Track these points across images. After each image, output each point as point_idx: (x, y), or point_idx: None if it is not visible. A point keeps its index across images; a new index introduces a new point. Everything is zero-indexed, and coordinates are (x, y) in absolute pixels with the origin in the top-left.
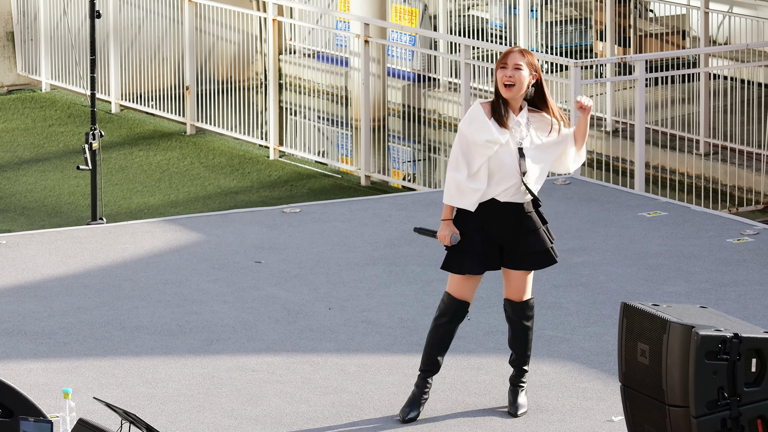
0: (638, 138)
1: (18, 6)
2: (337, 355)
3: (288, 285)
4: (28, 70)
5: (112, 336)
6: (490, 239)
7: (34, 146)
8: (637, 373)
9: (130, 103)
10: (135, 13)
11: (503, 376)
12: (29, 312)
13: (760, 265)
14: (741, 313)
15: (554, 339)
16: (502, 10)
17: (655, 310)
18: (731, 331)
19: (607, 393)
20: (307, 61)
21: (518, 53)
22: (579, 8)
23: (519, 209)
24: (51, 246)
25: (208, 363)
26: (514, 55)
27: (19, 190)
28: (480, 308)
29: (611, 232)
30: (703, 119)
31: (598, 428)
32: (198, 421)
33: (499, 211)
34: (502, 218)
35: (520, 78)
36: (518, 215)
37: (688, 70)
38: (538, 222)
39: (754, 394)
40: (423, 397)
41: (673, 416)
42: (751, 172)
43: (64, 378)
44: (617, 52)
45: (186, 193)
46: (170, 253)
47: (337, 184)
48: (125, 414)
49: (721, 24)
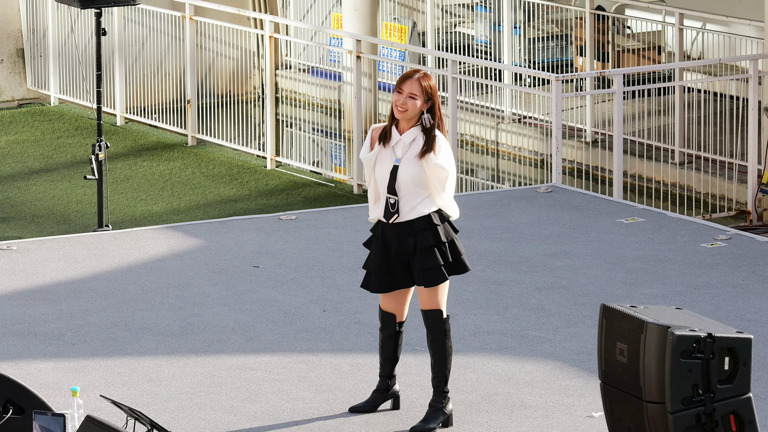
0: (616, 148)
1: (28, 24)
2: (331, 354)
3: (284, 288)
4: (37, 85)
5: (118, 337)
6: (390, 258)
7: (43, 157)
8: (616, 371)
9: (135, 116)
10: (139, 31)
11: (489, 375)
12: (39, 314)
13: (733, 268)
14: (714, 314)
15: (537, 339)
16: (487, 27)
17: (633, 312)
18: (705, 331)
19: (588, 390)
20: (302, 75)
21: (416, 82)
22: (560, 25)
23: (408, 227)
24: (59, 251)
25: (208, 362)
26: (412, 83)
27: (29, 199)
28: (466, 310)
29: (591, 237)
30: (678, 130)
31: (579, 424)
32: (199, 418)
33: (391, 228)
34: (396, 235)
35: (413, 106)
36: (409, 232)
37: (663, 84)
38: (432, 239)
39: (727, 391)
40: (377, 394)
41: (650, 412)
42: (723, 180)
43: (73, 377)
44: (596, 66)
45: (187, 201)
46: (173, 258)
47: (331, 192)
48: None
49: (695, 40)
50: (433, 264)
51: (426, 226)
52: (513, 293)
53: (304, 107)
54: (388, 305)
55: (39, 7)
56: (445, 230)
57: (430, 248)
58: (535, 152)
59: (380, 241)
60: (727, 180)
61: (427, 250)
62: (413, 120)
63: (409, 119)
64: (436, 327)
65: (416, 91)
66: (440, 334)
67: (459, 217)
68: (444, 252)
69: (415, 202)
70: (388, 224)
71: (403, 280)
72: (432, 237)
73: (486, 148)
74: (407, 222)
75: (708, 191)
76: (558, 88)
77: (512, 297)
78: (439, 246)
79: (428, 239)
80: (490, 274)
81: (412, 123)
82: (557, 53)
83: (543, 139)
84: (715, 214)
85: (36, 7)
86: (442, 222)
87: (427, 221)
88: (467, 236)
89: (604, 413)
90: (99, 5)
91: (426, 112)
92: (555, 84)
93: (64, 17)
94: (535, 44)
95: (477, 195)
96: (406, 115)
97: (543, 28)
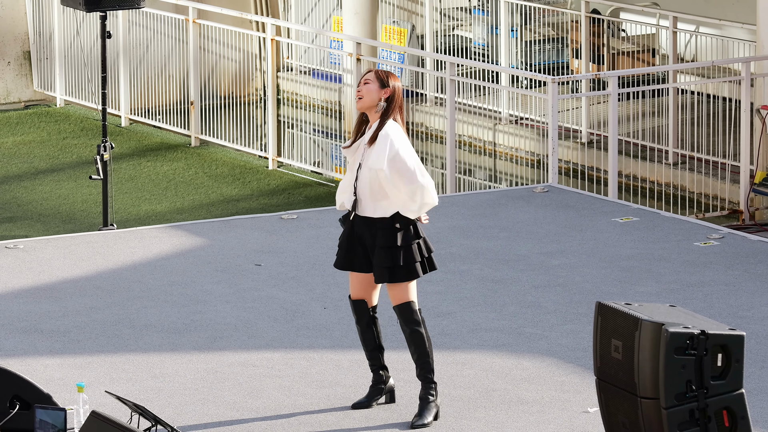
0: (611, 149)
1: (34, 27)
2: (331, 351)
3: (286, 286)
4: (43, 87)
5: (123, 334)
6: (353, 240)
7: (49, 157)
8: (611, 368)
9: (139, 117)
10: (143, 34)
11: (486, 371)
12: (45, 312)
13: (725, 266)
14: (707, 311)
15: (534, 336)
16: (484, 30)
17: (628, 309)
18: (698, 328)
19: (583, 386)
20: (303, 77)
21: (372, 72)
22: (556, 28)
23: (371, 224)
24: (65, 250)
25: (211, 359)
26: (368, 74)
27: (35, 199)
28: (464, 307)
29: (587, 236)
30: (671, 131)
31: (574, 419)
32: (202, 413)
33: (359, 221)
34: (362, 227)
35: (368, 91)
36: (371, 229)
37: (657, 86)
38: (391, 239)
39: (720, 387)
40: (374, 388)
41: (644, 407)
42: (716, 180)
43: (78, 373)
44: (592, 68)
45: (191, 200)
46: (176, 257)
47: (331, 192)
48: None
49: (689, 43)
50: (384, 264)
51: (387, 226)
52: (510, 291)
53: (305, 109)
54: (357, 292)
55: (45, 10)
56: (404, 235)
57: (385, 248)
58: (531, 153)
59: (350, 224)
60: (720, 180)
61: (383, 250)
62: (374, 110)
63: (369, 108)
64: (410, 319)
65: (370, 78)
66: (415, 324)
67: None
68: (397, 256)
69: (376, 202)
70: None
71: (361, 264)
72: (388, 238)
73: (483, 149)
74: (368, 218)
75: (701, 191)
76: (554, 89)
77: (509, 294)
78: (393, 248)
79: (386, 239)
80: (487, 272)
81: (375, 116)
82: (553, 56)
83: (539, 140)
84: (708, 214)
85: (42, 10)
86: (406, 226)
87: (389, 222)
88: (465, 235)
89: (599, 409)
90: (104, 8)
91: (384, 102)
92: (551, 86)
93: (70, 20)
94: (531, 47)
95: (475, 195)
96: (363, 103)
97: (539, 31)
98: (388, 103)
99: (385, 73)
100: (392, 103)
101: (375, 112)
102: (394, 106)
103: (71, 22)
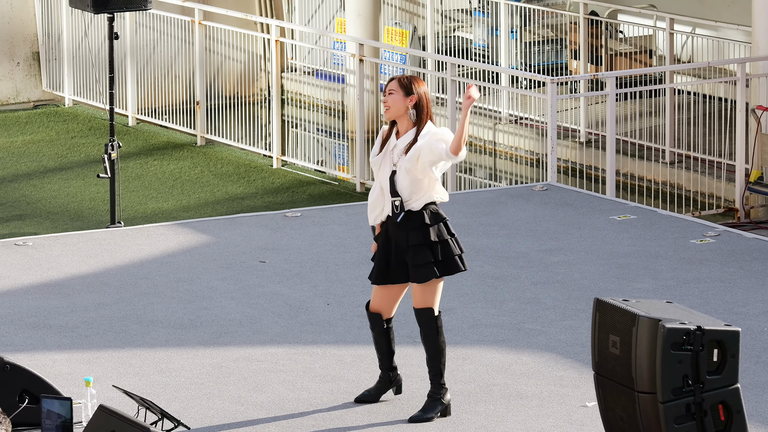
0: (609, 148)
1: (43, 28)
2: (335, 346)
3: (290, 283)
4: (52, 87)
5: (129, 329)
6: (391, 253)
7: (57, 156)
8: (608, 363)
9: (146, 116)
10: (150, 35)
11: (486, 366)
12: (54, 307)
13: (721, 264)
14: (703, 307)
15: (533, 331)
16: (484, 32)
17: (625, 305)
18: (695, 324)
19: (582, 381)
20: (307, 78)
21: (395, 81)
22: (555, 29)
23: (404, 226)
24: (73, 247)
25: (217, 354)
26: (391, 83)
27: (44, 197)
28: (465, 304)
29: (585, 234)
30: (668, 131)
31: (573, 413)
32: (208, 407)
33: (392, 227)
34: (396, 233)
35: (394, 101)
36: (405, 231)
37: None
38: (422, 237)
39: (716, 382)
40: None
41: (641, 402)
42: (712, 179)
43: (86, 368)
44: (590, 69)
45: (197, 199)
46: (182, 254)
47: (334, 190)
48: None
49: (685, 44)
50: (422, 261)
51: (419, 226)
52: (510, 287)
53: (309, 108)
54: (377, 304)
55: (54, 11)
56: (438, 231)
57: (420, 246)
58: (531, 152)
59: (385, 237)
60: (716, 179)
61: (417, 248)
62: (404, 118)
63: (398, 117)
64: (429, 325)
65: (394, 87)
66: (432, 331)
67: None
68: (435, 251)
69: (416, 198)
70: (388, 222)
71: (399, 275)
72: (422, 236)
73: (484, 148)
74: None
75: (697, 189)
76: (553, 90)
77: (509, 291)
78: (429, 244)
79: (418, 237)
80: (487, 269)
81: (408, 123)
82: (552, 57)
83: (539, 139)
84: (704, 212)
85: (51, 11)
86: (436, 222)
87: (420, 221)
88: (466, 233)
89: (597, 403)
90: (111, 10)
91: (412, 109)
92: (550, 86)
93: (78, 21)
94: (531, 48)
95: (475, 193)
96: (390, 113)
97: (539, 32)
98: (418, 111)
99: (408, 80)
100: (422, 110)
101: (407, 119)
102: (425, 112)
103: (79, 23)
